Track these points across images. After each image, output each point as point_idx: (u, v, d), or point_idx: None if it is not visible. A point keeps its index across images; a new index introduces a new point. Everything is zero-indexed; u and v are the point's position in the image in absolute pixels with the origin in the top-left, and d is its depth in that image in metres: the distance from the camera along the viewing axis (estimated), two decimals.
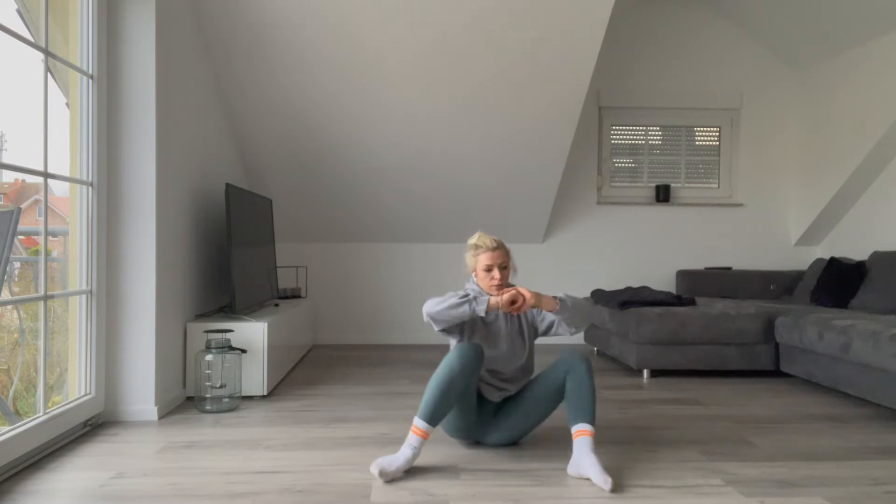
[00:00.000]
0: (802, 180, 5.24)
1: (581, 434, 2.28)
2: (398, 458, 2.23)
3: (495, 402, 2.53)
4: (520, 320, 2.53)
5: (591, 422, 2.31)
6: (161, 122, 2.98)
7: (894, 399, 2.99)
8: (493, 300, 2.31)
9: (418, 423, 2.27)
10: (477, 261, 2.45)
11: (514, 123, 4.31)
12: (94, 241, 2.83)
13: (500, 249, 2.45)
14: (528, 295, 2.30)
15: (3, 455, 2.17)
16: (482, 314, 2.31)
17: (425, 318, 2.36)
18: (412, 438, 2.26)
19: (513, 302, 2.31)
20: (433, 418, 2.26)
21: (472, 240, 2.51)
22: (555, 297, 2.37)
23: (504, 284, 2.43)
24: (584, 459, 2.21)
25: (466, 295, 2.34)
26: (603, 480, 2.11)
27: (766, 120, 5.32)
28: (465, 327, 2.49)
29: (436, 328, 2.40)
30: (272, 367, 3.45)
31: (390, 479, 2.18)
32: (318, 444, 2.60)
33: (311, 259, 5.21)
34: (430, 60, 3.90)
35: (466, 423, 2.47)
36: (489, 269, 2.42)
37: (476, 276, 2.49)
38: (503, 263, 2.43)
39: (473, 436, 2.53)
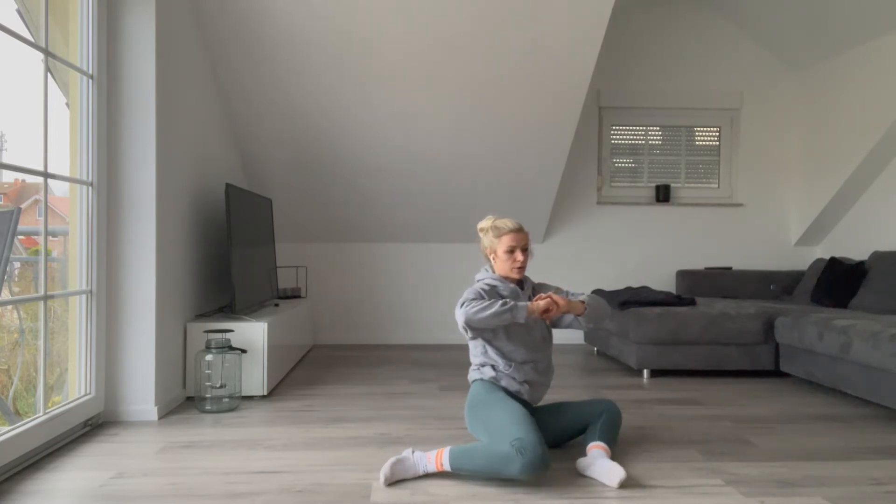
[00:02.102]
0: (802, 180, 5.24)
1: (598, 447, 2.31)
2: (408, 469, 2.19)
3: (532, 405, 2.51)
4: None
5: (611, 446, 2.36)
6: (161, 122, 2.98)
7: (894, 399, 2.99)
8: (531, 308, 2.31)
9: (446, 464, 2.18)
10: (499, 242, 2.44)
11: (514, 123, 4.31)
12: (94, 241, 2.83)
13: (523, 231, 2.46)
14: (561, 303, 2.33)
15: (3, 455, 2.17)
16: (522, 321, 2.32)
17: (461, 324, 2.30)
18: (430, 464, 2.21)
19: (546, 310, 2.32)
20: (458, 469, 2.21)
21: (487, 223, 2.51)
22: (581, 301, 2.41)
23: (525, 267, 2.45)
24: (597, 459, 2.24)
25: (506, 302, 2.30)
26: (614, 475, 2.13)
27: (766, 120, 5.32)
28: None
29: (470, 334, 2.36)
30: (272, 367, 3.45)
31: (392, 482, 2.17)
32: (318, 444, 2.60)
33: (311, 259, 5.21)
34: (430, 60, 3.90)
35: None
36: (512, 251, 2.42)
37: (495, 258, 2.48)
38: (525, 245, 2.44)
39: None
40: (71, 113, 2.82)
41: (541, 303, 2.31)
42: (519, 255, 2.43)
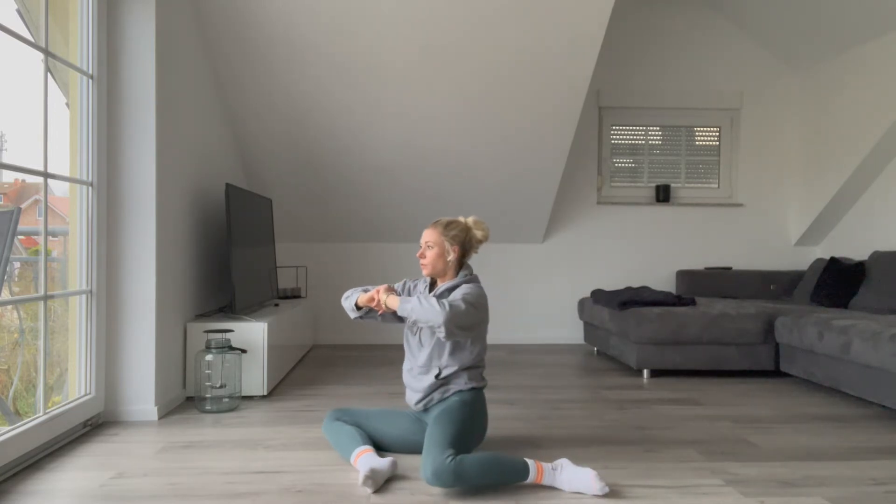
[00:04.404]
0: (802, 180, 5.24)
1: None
2: (368, 470, 2.11)
3: (419, 409, 2.45)
4: None
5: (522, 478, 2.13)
6: (161, 122, 2.98)
7: (894, 399, 2.99)
8: (361, 298, 2.42)
9: (352, 456, 2.27)
10: None
11: (514, 123, 4.31)
12: (94, 241, 2.83)
13: (431, 228, 2.45)
14: (381, 296, 2.38)
15: (3, 455, 2.18)
16: (351, 313, 2.46)
17: None
18: (363, 461, 2.20)
19: (371, 300, 2.39)
20: (354, 447, 2.29)
21: None
22: (403, 300, 2.31)
23: (429, 264, 2.42)
24: (560, 483, 2.11)
25: (354, 291, 2.49)
26: (596, 488, 2.05)
27: (766, 120, 5.32)
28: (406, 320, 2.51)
29: (351, 316, 2.50)
30: (272, 367, 3.45)
31: (381, 482, 2.13)
32: (318, 444, 2.60)
33: (311, 259, 5.21)
34: (430, 60, 3.90)
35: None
36: (421, 246, 2.47)
37: None
38: (429, 242, 2.42)
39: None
40: (71, 113, 2.82)
41: (366, 295, 2.40)
42: (421, 252, 2.45)
